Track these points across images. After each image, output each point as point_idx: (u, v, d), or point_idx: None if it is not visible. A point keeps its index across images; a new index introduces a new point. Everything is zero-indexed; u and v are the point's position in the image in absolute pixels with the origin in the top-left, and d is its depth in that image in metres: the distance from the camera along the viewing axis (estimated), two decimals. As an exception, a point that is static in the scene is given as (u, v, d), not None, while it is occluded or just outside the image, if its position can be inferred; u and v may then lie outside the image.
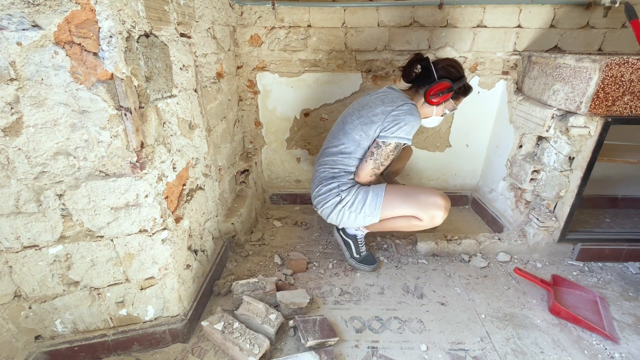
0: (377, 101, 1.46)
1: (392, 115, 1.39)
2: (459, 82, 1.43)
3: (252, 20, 1.85)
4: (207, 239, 1.45)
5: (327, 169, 1.52)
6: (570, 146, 1.51)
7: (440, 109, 1.50)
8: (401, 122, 1.38)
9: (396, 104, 1.42)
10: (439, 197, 1.44)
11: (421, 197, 1.45)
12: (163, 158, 1.05)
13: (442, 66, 1.44)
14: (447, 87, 1.41)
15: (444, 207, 1.44)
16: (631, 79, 1.35)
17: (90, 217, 0.99)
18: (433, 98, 1.44)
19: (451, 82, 1.41)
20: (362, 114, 1.46)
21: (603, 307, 1.39)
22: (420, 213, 1.44)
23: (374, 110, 1.44)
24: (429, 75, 1.44)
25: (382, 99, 1.46)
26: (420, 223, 1.46)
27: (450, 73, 1.43)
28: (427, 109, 1.50)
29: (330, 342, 1.19)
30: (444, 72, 1.42)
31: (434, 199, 1.44)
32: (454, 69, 1.44)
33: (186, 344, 1.20)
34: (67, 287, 1.05)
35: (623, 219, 1.97)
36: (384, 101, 1.45)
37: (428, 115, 1.52)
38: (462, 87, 1.46)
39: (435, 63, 1.45)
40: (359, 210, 1.46)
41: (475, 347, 1.22)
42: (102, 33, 0.82)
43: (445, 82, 1.41)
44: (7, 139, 0.87)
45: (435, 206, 1.43)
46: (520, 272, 1.51)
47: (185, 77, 1.23)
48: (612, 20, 1.80)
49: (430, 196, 1.45)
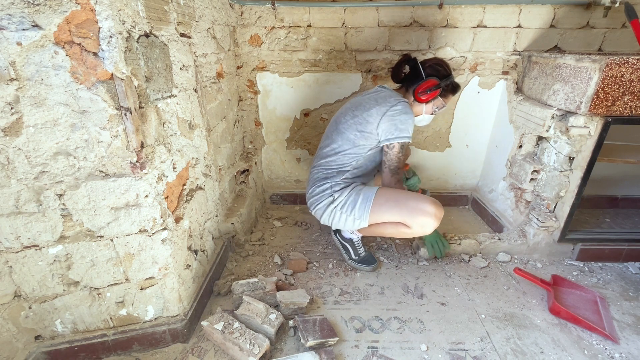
0: (370, 101, 1.47)
1: (387, 117, 1.40)
2: (446, 80, 1.45)
3: (252, 20, 1.85)
4: (207, 239, 1.45)
5: (321, 170, 1.53)
6: (570, 146, 1.51)
7: (429, 107, 1.52)
8: (398, 122, 1.39)
9: (390, 103, 1.42)
10: (429, 204, 1.37)
11: (411, 203, 1.39)
12: (163, 158, 1.05)
13: (429, 65, 1.47)
14: (434, 84, 1.44)
15: (434, 215, 1.36)
16: (631, 79, 1.35)
17: (90, 217, 0.99)
18: (422, 95, 1.47)
19: (438, 80, 1.44)
20: (356, 113, 1.47)
21: (603, 307, 1.39)
22: (409, 220, 1.38)
23: (369, 110, 1.44)
24: (417, 75, 1.48)
25: (375, 99, 1.47)
26: (408, 231, 1.41)
27: (437, 71, 1.46)
28: (417, 108, 1.52)
29: (330, 342, 1.19)
30: (431, 71, 1.46)
31: (423, 205, 1.37)
32: (441, 67, 1.47)
33: (186, 344, 1.20)
34: (67, 287, 1.05)
35: (623, 219, 1.97)
36: (377, 100, 1.46)
37: (418, 113, 1.54)
38: (450, 85, 1.49)
39: (422, 63, 1.49)
40: (349, 212, 1.45)
41: (475, 347, 1.22)
42: (102, 33, 0.82)
43: (432, 79, 1.44)
44: (7, 139, 0.87)
45: (424, 214, 1.36)
46: (520, 272, 1.51)
47: (185, 77, 1.23)
48: (612, 20, 1.80)
49: (420, 203, 1.38)
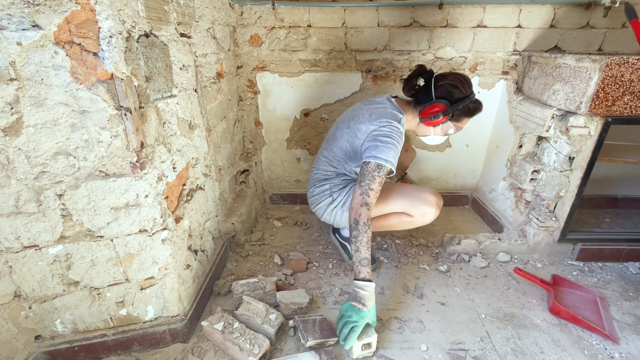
0: (365, 115, 1.38)
1: (371, 136, 1.31)
2: (458, 105, 1.30)
3: (252, 20, 1.85)
4: (207, 239, 1.45)
5: (321, 171, 1.54)
6: (570, 146, 1.51)
7: (438, 130, 1.40)
8: (379, 143, 1.27)
9: (380, 123, 1.32)
10: (430, 194, 1.42)
11: (412, 192, 1.43)
12: (163, 158, 1.05)
13: (443, 84, 1.32)
14: (442, 109, 1.30)
15: (434, 204, 1.41)
16: (631, 79, 1.35)
17: (90, 217, 0.99)
18: (424, 120, 1.36)
19: (448, 105, 1.30)
20: (350, 125, 1.42)
21: (603, 307, 1.39)
22: (410, 209, 1.41)
23: (359, 125, 1.37)
24: (427, 93, 1.34)
25: (370, 113, 1.37)
26: (411, 219, 1.44)
27: (450, 94, 1.30)
28: (423, 129, 1.42)
29: (330, 342, 1.19)
30: (443, 92, 1.31)
31: (424, 195, 1.42)
32: (457, 90, 1.30)
33: (186, 344, 1.20)
34: (67, 287, 1.05)
35: (623, 219, 1.97)
36: (371, 116, 1.36)
37: (425, 134, 1.44)
38: (465, 108, 1.32)
39: (437, 78, 1.34)
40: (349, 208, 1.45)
41: (475, 347, 1.22)
42: (102, 33, 0.82)
43: (441, 103, 1.30)
44: (7, 139, 0.87)
45: (425, 202, 1.40)
46: (520, 272, 1.51)
47: (185, 77, 1.23)
48: (612, 20, 1.80)
49: (421, 192, 1.43)
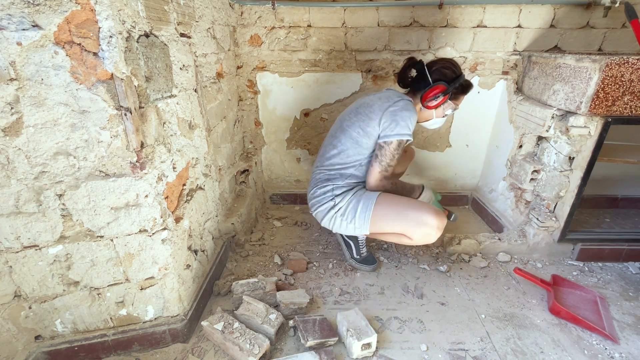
0: (374, 99, 1.47)
1: (388, 112, 1.39)
2: (454, 83, 1.40)
3: (252, 20, 1.85)
4: (207, 239, 1.45)
5: (323, 171, 1.52)
6: (570, 146, 1.51)
7: (440, 111, 1.47)
8: (398, 117, 1.37)
9: (393, 100, 1.42)
10: (431, 217, 1.34)
11: (411, 214, 1.36)
12: (163, 158, 1.05)
13: (436, 69, 1.42)
14: (442, 90, 1.40)
15: (436, 227, 1.34)
16: (631, 79, 1.35)
17: (90, 217, 0.99)
18: (429, 103, 1.43)
19: (446, 85, 1.39)
20: (360, 111, 1.46)
21: (603, 307, 1.39)
22: (410, 232, 1.36)
23: (372, 107, 1.44)
24: (423, 80, 1.43)
25: (379, 97, 1.47)
26: (410, 242, 1.40)
27: (444, 75, 1.41)
28: (426, 113, 1.48)
29: (330, 342, 1.19)
30: (439, 75, 1.41)
31: (425, 218, 1.34)
32: (449, 70, 1.41)
33: (186, 344, 1.20)
34: (67, 287, 1.05)
35: (623, 219, 1.97)
36: (381, 99, 1.45)
37: (428, 118, 1.50)
38: (460, 86, 1.43)
39: (429, 65, 1.43)
40: (349, 220, 1.43)
41: (475, 347, 1.22)
42: (102, 33, 0.82)
43: (440, 84, 1.39)
44: (7, 139, 0.87)
45: (426, 226, 1.34)
46: (520, 272, 1.51)
47: (185, 77, 1.23)
48: (612, 20, 1.80)
49: (422, 214, 1.34)
